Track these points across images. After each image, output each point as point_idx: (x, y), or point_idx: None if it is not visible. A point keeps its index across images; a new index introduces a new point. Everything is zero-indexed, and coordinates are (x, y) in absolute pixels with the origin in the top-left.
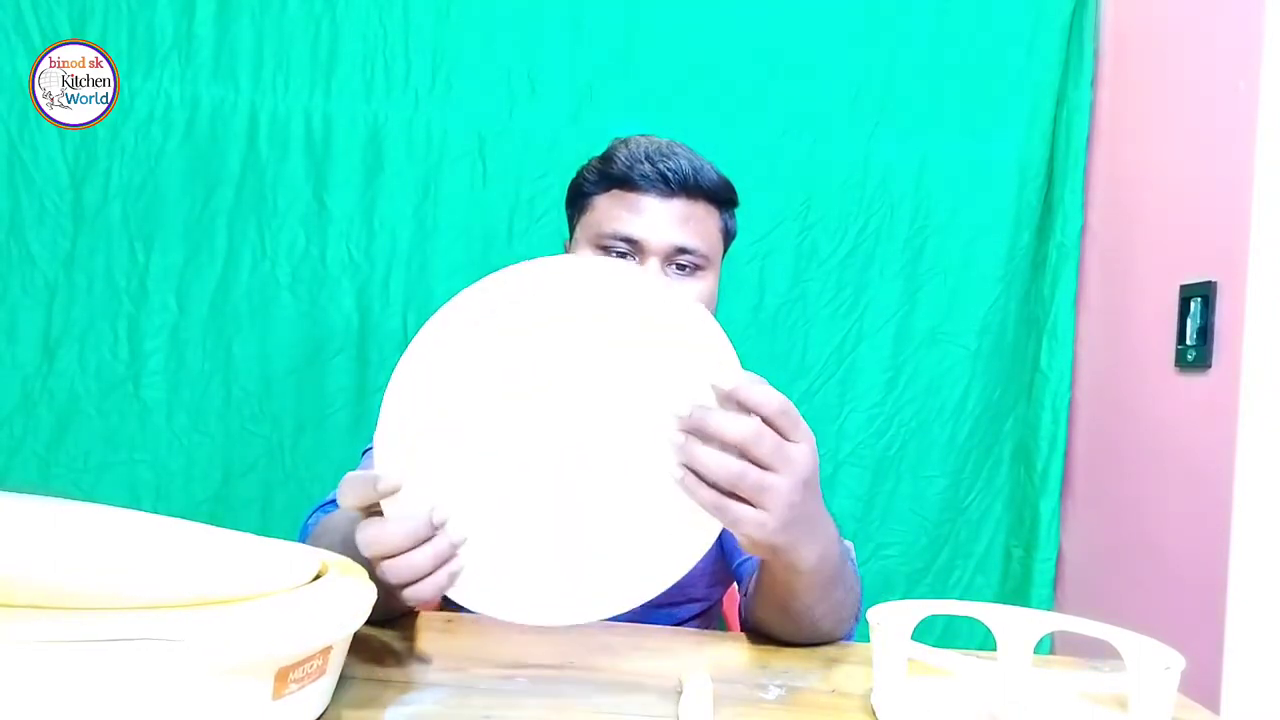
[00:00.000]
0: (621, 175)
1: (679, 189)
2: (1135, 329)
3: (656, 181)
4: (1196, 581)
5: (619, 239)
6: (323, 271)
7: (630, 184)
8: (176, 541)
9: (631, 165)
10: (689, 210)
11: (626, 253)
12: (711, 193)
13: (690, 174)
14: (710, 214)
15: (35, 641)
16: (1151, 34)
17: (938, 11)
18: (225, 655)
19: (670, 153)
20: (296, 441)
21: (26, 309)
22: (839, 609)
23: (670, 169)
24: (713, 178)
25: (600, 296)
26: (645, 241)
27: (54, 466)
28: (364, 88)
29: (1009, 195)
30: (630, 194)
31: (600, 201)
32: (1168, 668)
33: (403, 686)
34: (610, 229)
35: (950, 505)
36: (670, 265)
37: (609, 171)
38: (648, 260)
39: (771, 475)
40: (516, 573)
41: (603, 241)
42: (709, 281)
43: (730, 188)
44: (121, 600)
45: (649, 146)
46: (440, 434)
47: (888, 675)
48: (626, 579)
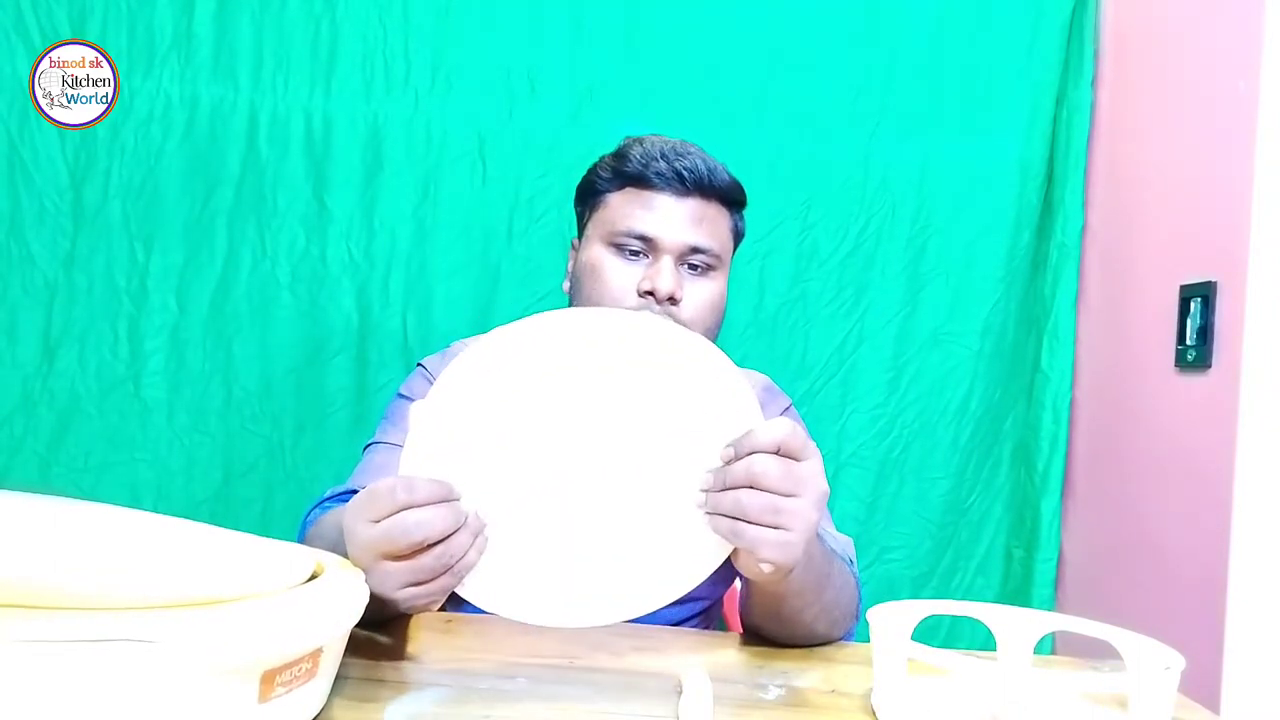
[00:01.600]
0: (636, 173)
1: (694, 188)
2: (1135, 329)
3: (672, 180)
4: (1196, 581)
5: (633, 236)
6: (323, 271)
7: (645, 182)
8: (171, 541)
9: (647, 163)
10: (703, 210)
11: (640, 250)
12: (724, 193)
13: (705, 174)
14: (722, 214)
15: (14, 641)
16: (1151, 34)
17: (938, 12)
18: (204, 657)
19: (685, 152)
20: (297, 441)
21: (27, 309)
22: (831, 609)
23: (686, 168)
24: (725, 179)
25: (612, 341)
26: (659, 239)
27: (54, 466)
28: (364, 87)
29: (1010, 195)
30: (645, 192)
31: (614, 199)
32: (1168, 668)
33: (402, 687)
34: (625, 226)
35: (953, 507)
36: (683, 264)
37: (623, 169)
38: (661, 258)
39: (789, 499)
40: (535, 577)
41: (616, 239)
42: (720, 282)
43: (741, 189)
44: (106, 600)
45: (664, 145)
46: (459, 458)
47: (888, 675)
48: (641, 584)
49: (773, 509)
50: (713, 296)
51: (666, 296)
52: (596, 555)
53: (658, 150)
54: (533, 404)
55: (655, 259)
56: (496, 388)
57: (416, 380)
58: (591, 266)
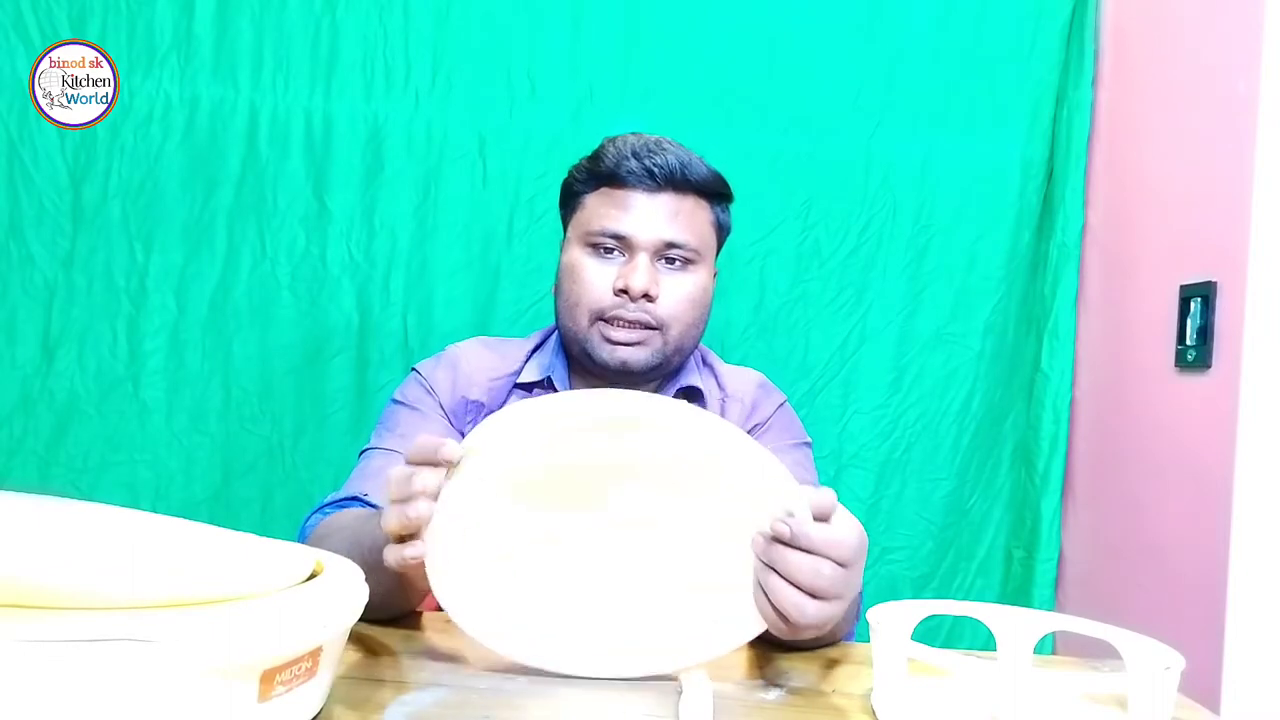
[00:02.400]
0: (609, 173)
1: (665, 184)
2: (1135, 329)
3: (643, 177)
4: (1196, 581)
5: (607, 235)
6: (323, 271)
7: (618, 181)
8: (170, 541)
9: (618, 163)
10: (677, 205)
11: (615, 249)
12: (700, 186)
13: (677, 168)
14: (700, 208)
15: (14, 641)
16: (1151, 34)
17: (939, 11)
18: (202, 657)
19: (658, 149)
20: (296, 442)
21: (26, 309)
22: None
23: (656, 164)
24: (701, 171)
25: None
26: (633, 238)
27: (53, 467)
28: (364, 88)
29: (1010, 195)
30: (618, 191)
31: (589, 200)
32: (1168, 668)
33: (402, 686)
34: (599, 226)
35: (954, 508)
36: (660, 260)
37: (597, 170)
38: (636, 256)
39: (834, 579)
40: (568, 627)
41: (592, 239)
42: (701, 275)
43: (722, 181)
44: (106, 600)
45: (636, 143)
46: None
47: (888, 675)
48: (672, 641)
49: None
50: (692, 291)
51: (640, 294)
52: (629, 609)
53: (629, 148)
54: (570, 459)
55: (631, 257)
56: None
57: (411, 386)
58: (570, 267)
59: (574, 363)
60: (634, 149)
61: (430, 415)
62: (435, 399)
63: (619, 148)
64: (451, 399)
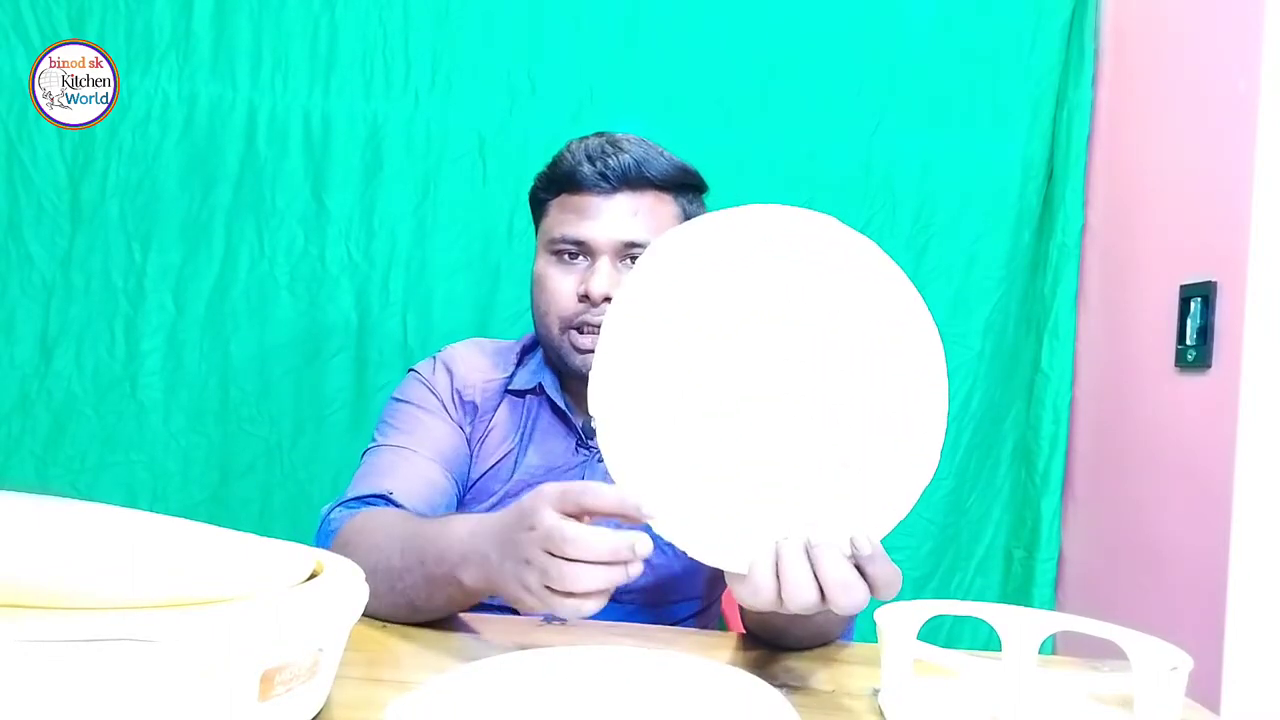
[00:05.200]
0: (565, 178)
1: (619, 184)
2: (1135, 329)
3: (597, 180)
4: (1196, 581)
5: (568, 242)
6: (322, 271)
7: (574, 186)
8: (170, 541)
9: (573, 168)
10: (635, 203)
11: (577, 254)
12: (660, 181)
13: (631, 167)
14: (662, 202)
15: (14, 641)
16: (1151, 34)
17: (939, 12)
18: (202, 657)
19: (613, 149)
20: (295, 442)
21: (24, 308)
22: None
23: (610, 166)
24: (660, 166)
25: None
26: (592, 241)
27: (51, 467)
28: (363, 87)
29: (1011, 195)
30: (575, 196)
31: (551, 207)
32: (1175, 668)
33: (402, 686)
34: (559, 233)
35: (954, 507)
36: (622, 261)
37: (554, 176)
38: (599, 260)
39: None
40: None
41: (554, 247)
42: None
43: (686, 172)
44: (106, 600)
45: (592, 146)
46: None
47: (896, 675)
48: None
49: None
50: None
51: (601, 298)
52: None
53: (584, 152)
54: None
55: (593, 261)
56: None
57: (413, 386)
58: (538, 278)
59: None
60: (589, 152)
61: (436, 414)
62: (438, 399)
63: (574, 152)
64: (451, 400)
